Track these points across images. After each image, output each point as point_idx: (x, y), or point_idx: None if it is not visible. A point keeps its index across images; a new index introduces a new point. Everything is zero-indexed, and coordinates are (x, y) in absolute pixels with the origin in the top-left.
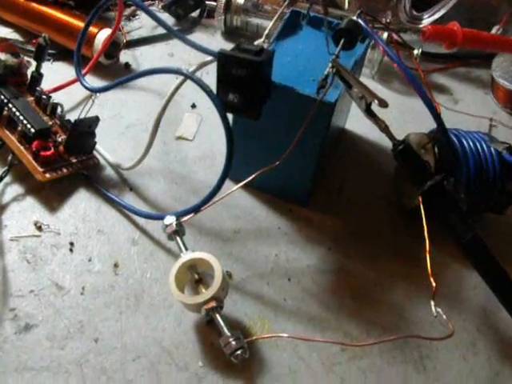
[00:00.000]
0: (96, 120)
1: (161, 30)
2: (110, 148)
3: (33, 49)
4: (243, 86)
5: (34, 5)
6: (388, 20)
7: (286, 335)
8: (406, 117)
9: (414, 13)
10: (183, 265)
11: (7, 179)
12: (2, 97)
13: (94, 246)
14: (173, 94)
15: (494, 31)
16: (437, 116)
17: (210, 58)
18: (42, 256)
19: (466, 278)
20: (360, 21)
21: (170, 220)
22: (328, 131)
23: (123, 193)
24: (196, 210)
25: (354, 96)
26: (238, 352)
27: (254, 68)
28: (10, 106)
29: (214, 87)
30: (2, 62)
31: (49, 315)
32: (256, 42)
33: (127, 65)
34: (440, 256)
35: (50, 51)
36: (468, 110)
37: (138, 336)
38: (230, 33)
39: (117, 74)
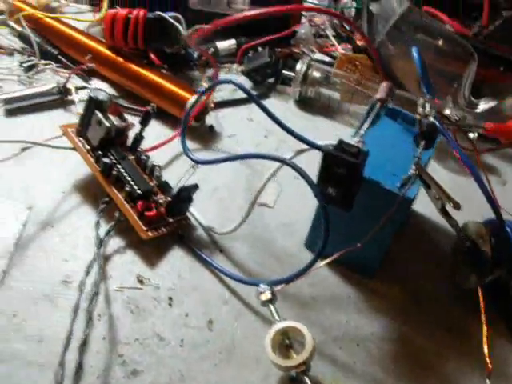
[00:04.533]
0: (195, 187)
1: (241, 94)
2: (198, 209)
3: (126, 104)
4: (342, 182)
5: (132, 65)
6: (457, 118)
7: None
8: (460, 195)
9: (472, 99)
10: (277, 331)
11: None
12: (112, 157)
13: (189, 302)
14: (270, 177)
15: None
16: (497, 211)
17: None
18: (145, 308)
19: None
20: (437, 123)
21: (265, 288)
22: (404, 220)
23: (214, 254)
24: (289, 281)
25: (431, 196)
26: None
27: (353, 168)
28: (119, 166)
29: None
30: (114, 125)
31: (152, 363)
32: (353, 141)
33: (211, 127)
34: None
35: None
36: None
37: None
38: (302, 101)
39: (202, 135)
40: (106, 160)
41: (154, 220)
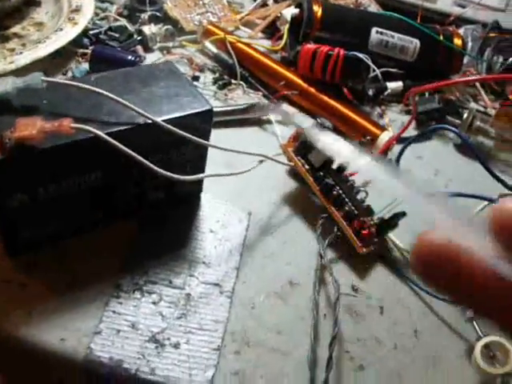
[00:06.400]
0: (403, 215)
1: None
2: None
3: None
4: None
5: (324, 96)
6: None
7: None
8: None
9: None
10: (484, 344)
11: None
12: (330, 179)
13: (396, 313)
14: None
15: None
16: None
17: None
18: (361, 313)
19: None
20: None
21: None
22: None
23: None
24: None
25: None
26: None
27: None
28: (337, 188)
29: None
30: None
31: (374, 361)
32: None
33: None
34: None
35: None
36: None
37: None
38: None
39: None
40: (328, 181)
41: (367, 238)
